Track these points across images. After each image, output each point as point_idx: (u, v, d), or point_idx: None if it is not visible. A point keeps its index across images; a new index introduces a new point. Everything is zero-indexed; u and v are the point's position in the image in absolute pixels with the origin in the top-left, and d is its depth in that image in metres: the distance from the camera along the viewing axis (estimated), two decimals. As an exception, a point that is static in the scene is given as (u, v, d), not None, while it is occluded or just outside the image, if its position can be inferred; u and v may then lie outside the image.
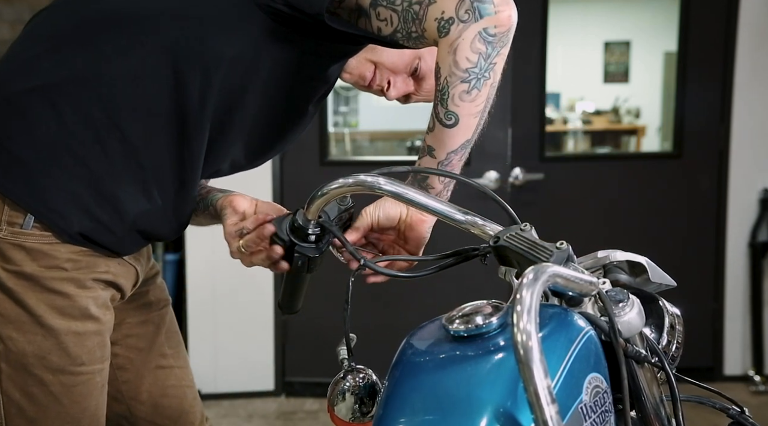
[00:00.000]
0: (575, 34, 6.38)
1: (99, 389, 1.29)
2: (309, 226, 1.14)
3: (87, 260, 1.23)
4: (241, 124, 1.28)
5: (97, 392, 1.29)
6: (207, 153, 1.27)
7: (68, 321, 1.21)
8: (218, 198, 1.34)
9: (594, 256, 1.08)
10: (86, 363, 1.24)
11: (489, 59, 1.11)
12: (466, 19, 1.09)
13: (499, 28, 1.10)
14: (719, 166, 3.50)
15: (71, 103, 1.18)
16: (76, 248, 1.21)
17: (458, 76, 1.12)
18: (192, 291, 3.49)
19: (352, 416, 1.09)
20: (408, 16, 1.14)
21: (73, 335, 1.22)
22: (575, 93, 6.63)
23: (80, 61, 1.19)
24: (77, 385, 1.24)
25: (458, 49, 1.10)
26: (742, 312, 3.56)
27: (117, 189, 1.21)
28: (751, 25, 3.40)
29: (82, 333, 1.23)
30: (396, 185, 1.07)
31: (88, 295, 1.24)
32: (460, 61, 1.11)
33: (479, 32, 1.10)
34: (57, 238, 1.19)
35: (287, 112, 1.33)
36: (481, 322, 0.88)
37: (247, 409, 3.44)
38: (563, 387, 0.85)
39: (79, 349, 1.23)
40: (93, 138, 1.18)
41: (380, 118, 5.81)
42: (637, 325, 0.96)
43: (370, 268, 1.10)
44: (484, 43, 1.10)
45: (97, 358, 1.26)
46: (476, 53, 1.10)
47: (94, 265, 1.24)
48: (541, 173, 3.34)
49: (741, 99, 3.44)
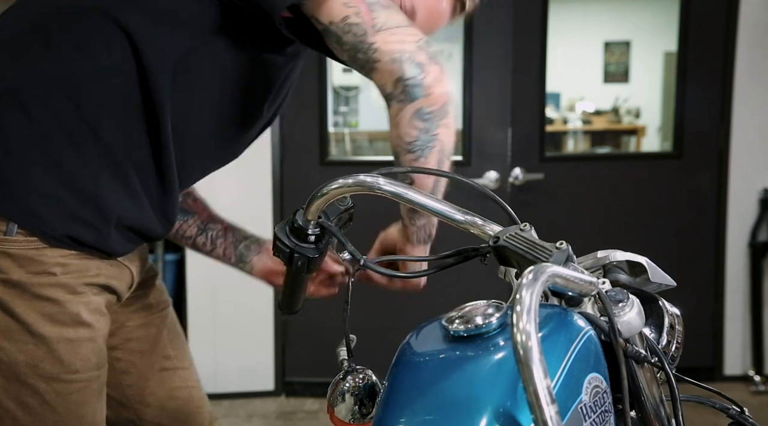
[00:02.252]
0: (575, 34, 6.38)
1: (96, 396, 1.27)
2: (309, 227, 1.14)
3: (77, 264, 1.21)
4: (202, 115, 1.28)
5: (94, 399, 1.27)
6: (179, 147, 1.26)
7: (60, 328, 1.19)
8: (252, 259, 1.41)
9: (594, 256, 1.08)
10: (80, 370, 1.22)
11: (429, 132, 1.16)
12: (402, 99, 1.14)
13: (433, 106, 1.14)
14: (719, 167, 3.50)
15: (41, 104, 1.16)
16: (65, 252, 1.19)
17: (404, 147, 1.17)
18: (192, 291, 3.48)
19: (352, 417, 1.08)
20: (356, 62, 1.18)
21: (66, 342, 1.20)
22: (575, 93, 6.63)
23: (45, 62, 1.18)
24: (72, 393, 1.22)
25: (399, 126, 1.16)
26: (742, 312, 3.56)
27: (96, 186, 1.19)
28: (751, 25, 3.40)
29: (74, 340, 1.21)
30: (396, 185, 1.07)
31: (80, 301, 1.21)
32: (402, 135, 1.16)
33: (415, 112, 1.14)
34: (44, 242, 1.17)
35: (248, 107, 1.33)
36: (480, 322, 0.88)
37: (247, 409, 3.44)
38: (563, 387, 0.85)
39: (72, 357, 1.21)
40: (66, 138, 1.17)
41: (380, 118, 5.80)
42: (637, 325, 0.96)
43: (370, 269, 1.10)
44: (422, 120, 1.15)
45: (92, 365, 1.24)
46: (416, 129, 1.15)
47: (85, 268, 1.22)
48: (541, 173, 3.34)
49: (741, 99, 3.44)
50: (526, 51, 3.31)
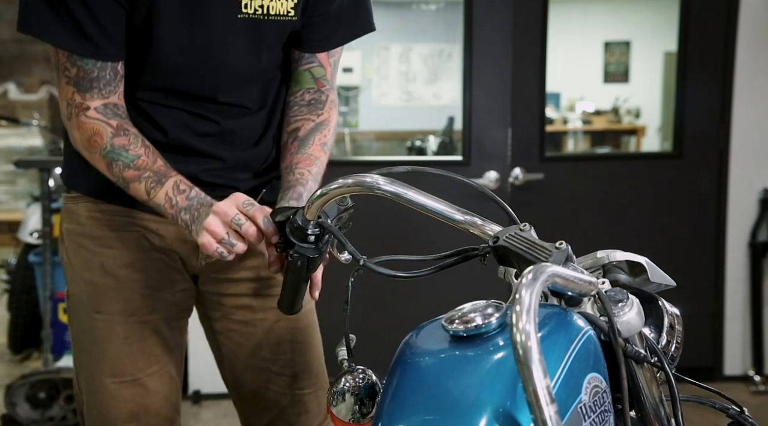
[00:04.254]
0: (575, 34, 6.38)
1: (120, 340, 1.45)
2: (308, 227, 1.14)
3: (107, 219, 1.44)
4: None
5: (118, 342, 1.45)
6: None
7: (89, 273, 1.45)
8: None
9: (593, 256, 1.08)
10: (103, 312, 1.45)
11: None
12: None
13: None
14: (719, 167, 3.50)
15: None
16: (95, 206, 1.44)
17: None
18: (192, 291, 3.48)
19: (352, 417, 1.09)
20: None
21: (92, 285, 1.45)
22: (575, 93, 6.63)
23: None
24: (96, 329, 1.46)
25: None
26: (742, 312, 3.56)
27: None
28: (751, 25, 3.40)
29: (99, 285, 1.45)
30: (395, 185, 1.07)
31: (108, 253, 1.44)
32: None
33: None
34: (81, 198, 1.46)
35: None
36: (480, 322, 0.88)
37: (248, 410, 3.44)
38: (562, 387, 0.85)
39: (96, 299, 1.45)
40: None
41: (380, 118, 5.81)
42: (637, 325, 0.96)
43: (370, 269, 1.10)
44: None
45: (116, 310, 1.44)
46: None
47: (116, 224, 1.44)
48: (541, 173, 3.34)
49: (741, 99, 3.44)
50: (526, 51, 3.31)
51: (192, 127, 1.41)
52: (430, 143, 4.96)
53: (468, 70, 3.30)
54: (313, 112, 1.46)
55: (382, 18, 7.87)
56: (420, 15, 6.17)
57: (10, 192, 6.68)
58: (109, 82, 1.33)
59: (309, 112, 1.46)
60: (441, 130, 4.99)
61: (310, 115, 1.45)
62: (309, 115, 1.45)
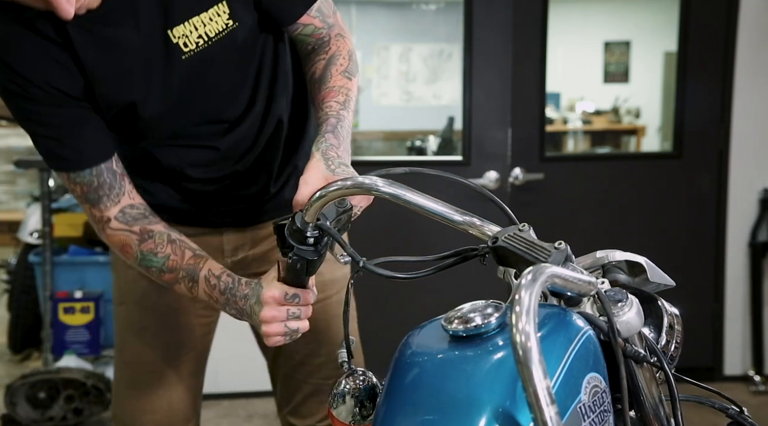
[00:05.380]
0: (575, 34, 6.39)
1: (137, 329, 1.61)
2: (307, 229, 1.13)
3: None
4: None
5: (135, 331, 1.61)
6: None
7: (117, 267, 1.62)
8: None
9: (593, 256, 1.08)
10: (125, 302, 1.62)
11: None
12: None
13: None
14: (719, 166, 3.50)
15: None
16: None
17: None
18: (192, 291, 3.48)
19: (353, 419, 1.08)
20: None
21: (118, 279, 1.63)
22: (575, 93, 6.64)
23: None
24: (120, 318, 1.64)
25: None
26: (742, 312, 3.56)
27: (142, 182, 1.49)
28: (751, 25, 3.40)
29: (123, 278, 1.61)
30: (393, 187, 1.06)
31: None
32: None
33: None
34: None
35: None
36: (479, 322, 0.88)
37: (247, 409, 3.44)
38: (562, 387, 0.85)
39: (119, 289, 1.64)
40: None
41: (380, 118, 5.81)
42: (636, 325, 0.96)
43: (369, 270, 1.10)
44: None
45: (136, 299, 1.59)
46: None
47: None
48: (541, 173, 3.34)
49: (741, 99, 3.44)
50: (526, 51, 3.30)
51: (195, 159, 1.47)
52: (430, 143, 4.96)
53: (468, 70, 3.30)
54: (321, 52, 1.45)
55: (382, 18, 7.88)
56: (420, 15, 6.18)
57: (10, 192, 6.69)
58: (113, 185, 1.34)
59: (317, 55, 1.45)
60: (441, 130, 4.99)
61: (319, 56, 1.45)
62: (318, 56, 1.45)
